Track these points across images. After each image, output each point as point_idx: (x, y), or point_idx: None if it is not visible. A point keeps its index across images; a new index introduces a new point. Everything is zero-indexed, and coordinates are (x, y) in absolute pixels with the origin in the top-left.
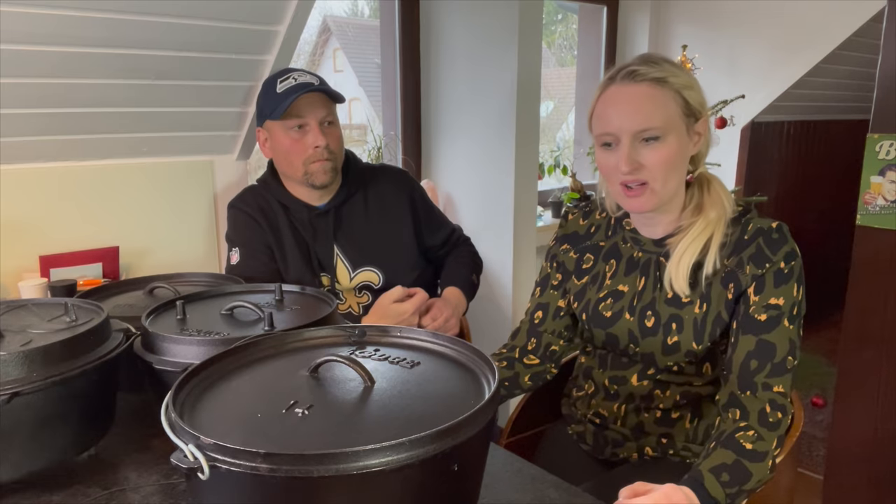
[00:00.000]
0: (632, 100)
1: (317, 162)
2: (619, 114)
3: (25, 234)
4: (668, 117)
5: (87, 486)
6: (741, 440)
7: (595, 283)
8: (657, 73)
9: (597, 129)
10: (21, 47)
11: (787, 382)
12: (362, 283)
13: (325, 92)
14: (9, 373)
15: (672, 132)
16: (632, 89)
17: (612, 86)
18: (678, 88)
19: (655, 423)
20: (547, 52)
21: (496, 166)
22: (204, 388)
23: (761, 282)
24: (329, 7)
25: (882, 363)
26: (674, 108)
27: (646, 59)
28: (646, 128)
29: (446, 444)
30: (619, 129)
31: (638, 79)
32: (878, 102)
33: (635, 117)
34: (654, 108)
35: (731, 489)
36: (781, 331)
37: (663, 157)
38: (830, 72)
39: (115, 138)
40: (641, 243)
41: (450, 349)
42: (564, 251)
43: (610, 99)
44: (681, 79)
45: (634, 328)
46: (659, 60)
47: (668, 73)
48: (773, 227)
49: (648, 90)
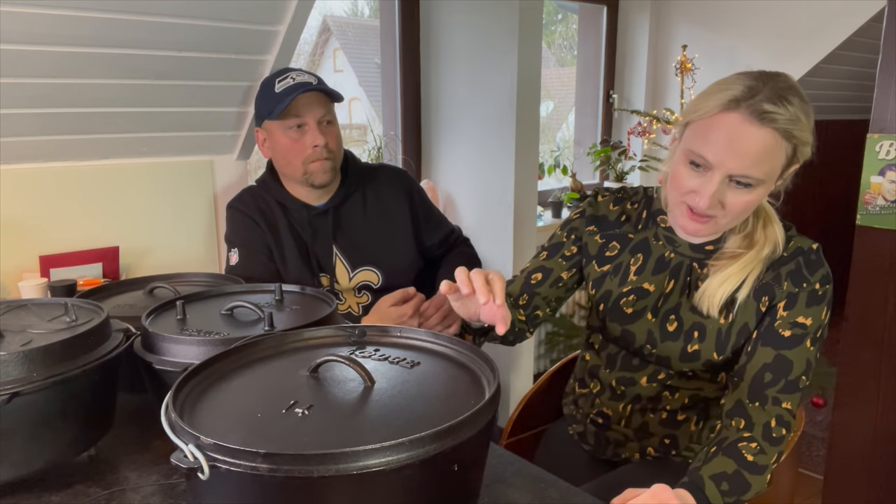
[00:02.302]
0: (748, 143)
1: (316, 161)
2: (726, 149)
3: (25, 234)
4: (771, 170)
5: (87, 486)
6: (743, 451)
7: (617, 274)
8: (786, 121)
9: (692, 144)
10: (21, 47)
11: (795, 401)
12: (361, 283)
13: (323, 91)
14: (9, 373)
15: (766, 183)
16: (753, 131)
17: (735, 114)
18: (797, 144)
19: (661, 424)
20: (547, 52)
21: (496, 166)
22: (204, 388)
23: (794, 299)
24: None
25: (882, 363)
26: (782, 160)
27: (780, 93)
28: (746, 175)
29: (446, 444)
30: (718, 164)
31: (766, 123)
32: (878, 102)
33: (742, 162)
34: (764, 160)
35: (729, 498)
36: (802, 350)
37: (746, 203)
38: (830, 72)
39: (115, 138)
40: (676, 244)
41: (450, 349)
42: (590, 232)
43: (724, 127)
44: (804, 133)
45: (655, 330)
46: (796, 100)
47: (795, 125)
48: (814, 248)
49: (769, 139)
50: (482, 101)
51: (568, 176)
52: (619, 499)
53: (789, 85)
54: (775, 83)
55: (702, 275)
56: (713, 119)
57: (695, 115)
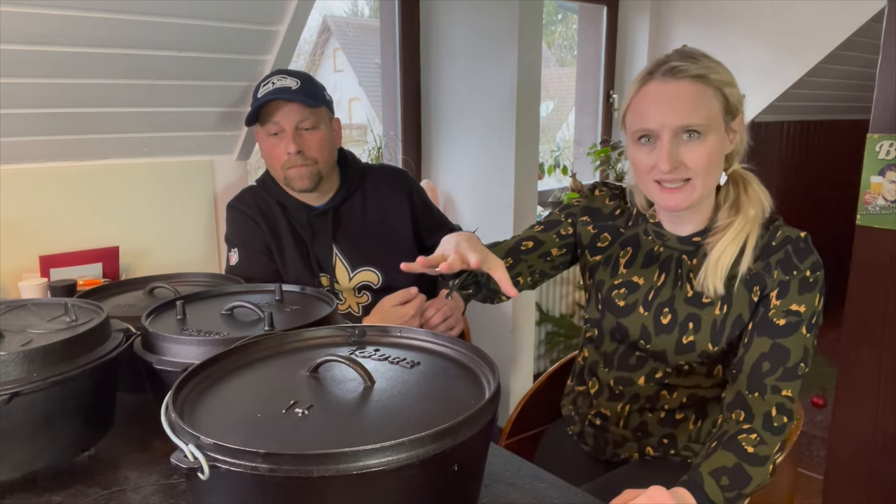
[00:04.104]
0: (673, 96)
1: (292, 168)
2: (659, 110)
3: (25, 234)
4: (709, 115)
5: (87, 486)
6: (743, 443)
7: (608, 265)
8: (698, 69)
9: (633, 124)
10: (21, 47)
11: (796, 388)
12: (361, 283)
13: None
14: (9, 373)
15: (713, 130)
16: (673, 86)
17: (652, 81)
18: (719, 85)
19: (659, 423)
20: (547, 52)
21: (496, 166)
22: (204, 388)
23: (786, 287)
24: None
25: (882, 363)
26: (715, 105)
27: (685, 55)
28: (688, 124)
29: (446, 444)
30: (659, 126)
31: (679, 75)
32: (878, 102)
33: (677, 113)
34: (696, 105)
35: (730, 493)
36: (798, 337)
37: (705, 154)
38: (830, 72)
39: (115, 138)
40: (665, 238)
41: (450, 349)
42: (583, 223)
43: (649, 95)
44: (722, 75)
45: (649, 323)
46: (698, 56)
47: (709, 70)
48: (802, 236)
49: (690, 87)
50: (482, 101)
51: (568, 176)
52: (618, 500)
53: (691, 49)
54: (681, 50)
55: (693, 266)
56: (638, 95)
57: (625, 104)
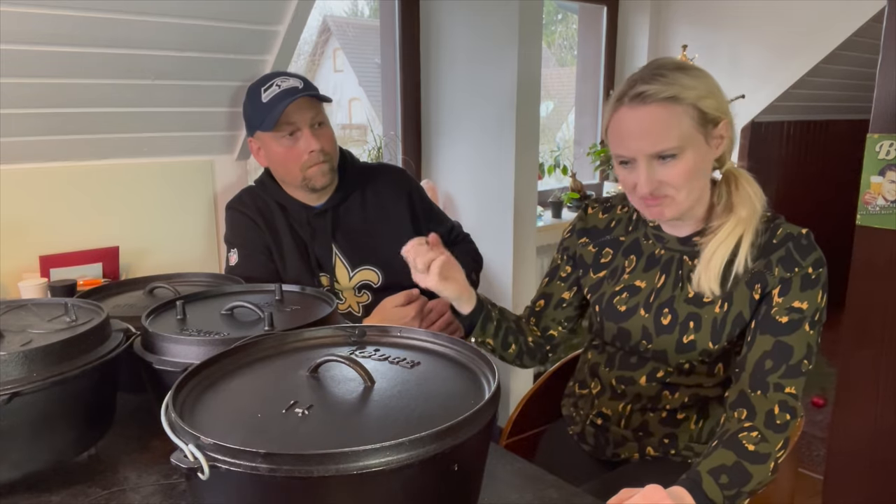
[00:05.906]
0: (642, 124)
1: (314, 166)
2: (632, 138)
3: (25, 234)
4: (682, 135)
5: (87, 486)
6: (744, 441)
7: (613, 277)
8: (667, 91)
9: (612, 147)
10: (21, 47)
11: (799, 385)
12: (362, 283)
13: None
14: (9, 373)
15: (688, 147)
16: (641, 113)
17: (622, 108)
18: (692, 101)
19: (660, 423)
20: (547, 52)
21: (496, 166)
22: (204, 388)
23: (787, 284)
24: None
25: (882, 363)
26: (687, 122)
27: (655, 74)
28: (661, 150)
29: (446, 444)
30: (633, 153)
31: (648, 100)
32: (878, 102)
33: (648, 140)
34: (665, 129)
35: (729, 491)
36: (801, 334)
37: (683, 172)
38: (830, 72)
39: (115, 138)
40: (665, 240)
41: (450, 349)
42: (583, 244)
43: (622, 122)
44: (694, 90)
45: (649, 325)
46: (668, 72)
47: (681, 88)
48: (803, 233)
49: (658, 112)
50: (482, 101)
51: (568, 176)
52: (615, 499)
53: (661, 63)
54: (648, 66)
55: (693, 266)
56: (612, 121)
57: (604, 125)
